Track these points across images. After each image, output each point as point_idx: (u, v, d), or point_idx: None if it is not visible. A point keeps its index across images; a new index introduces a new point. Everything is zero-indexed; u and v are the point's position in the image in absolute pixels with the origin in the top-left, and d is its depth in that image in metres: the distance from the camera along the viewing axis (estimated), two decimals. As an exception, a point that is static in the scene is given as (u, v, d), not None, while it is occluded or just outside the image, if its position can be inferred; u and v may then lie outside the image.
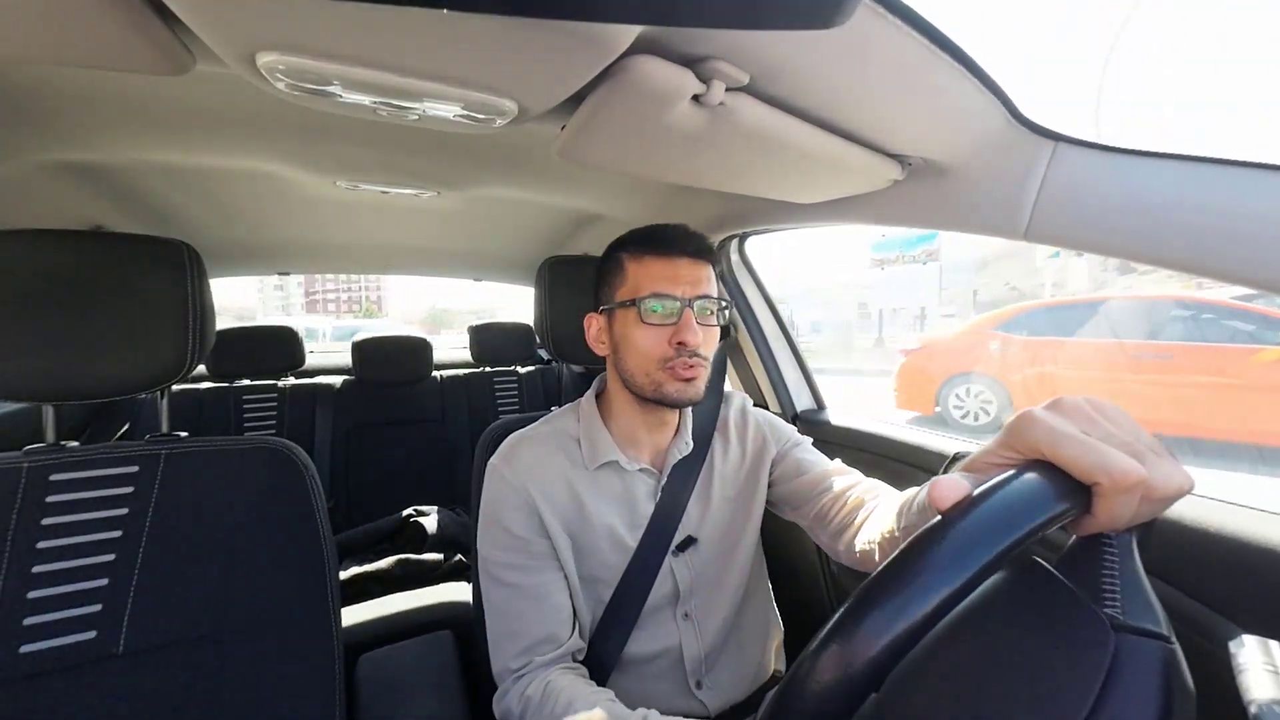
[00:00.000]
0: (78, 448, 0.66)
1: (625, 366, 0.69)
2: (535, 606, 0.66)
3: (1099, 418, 0.31)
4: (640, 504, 0.74)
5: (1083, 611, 0.28)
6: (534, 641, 0.65)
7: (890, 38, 0.45)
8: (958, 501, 0.28)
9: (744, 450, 0.81)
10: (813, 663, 0.27)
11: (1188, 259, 0.50)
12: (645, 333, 0.66)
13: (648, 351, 0.67)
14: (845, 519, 0.68)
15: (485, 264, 1.96)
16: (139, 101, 0.73)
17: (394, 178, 1.05)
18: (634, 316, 0.67)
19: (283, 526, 0.71)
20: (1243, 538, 0.53)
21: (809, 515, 0.75)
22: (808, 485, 0.76)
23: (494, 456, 0.73)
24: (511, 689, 0.65)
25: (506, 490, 0.70)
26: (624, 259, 0.71)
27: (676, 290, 0.66)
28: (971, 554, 0.26)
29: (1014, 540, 0.26)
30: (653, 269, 0.67)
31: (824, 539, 0.73)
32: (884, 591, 0.27)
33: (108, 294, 0.64)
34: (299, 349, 1.84)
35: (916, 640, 0.26)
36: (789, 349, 1.29)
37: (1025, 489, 0.28)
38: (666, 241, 0.68)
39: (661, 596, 0.72)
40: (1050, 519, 0.27)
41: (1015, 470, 0.29)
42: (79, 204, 1.06)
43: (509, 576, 0.68)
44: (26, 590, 0.60)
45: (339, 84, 0.45)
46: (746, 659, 0.77)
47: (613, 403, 0.76)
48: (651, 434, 0.75)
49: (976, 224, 0.67)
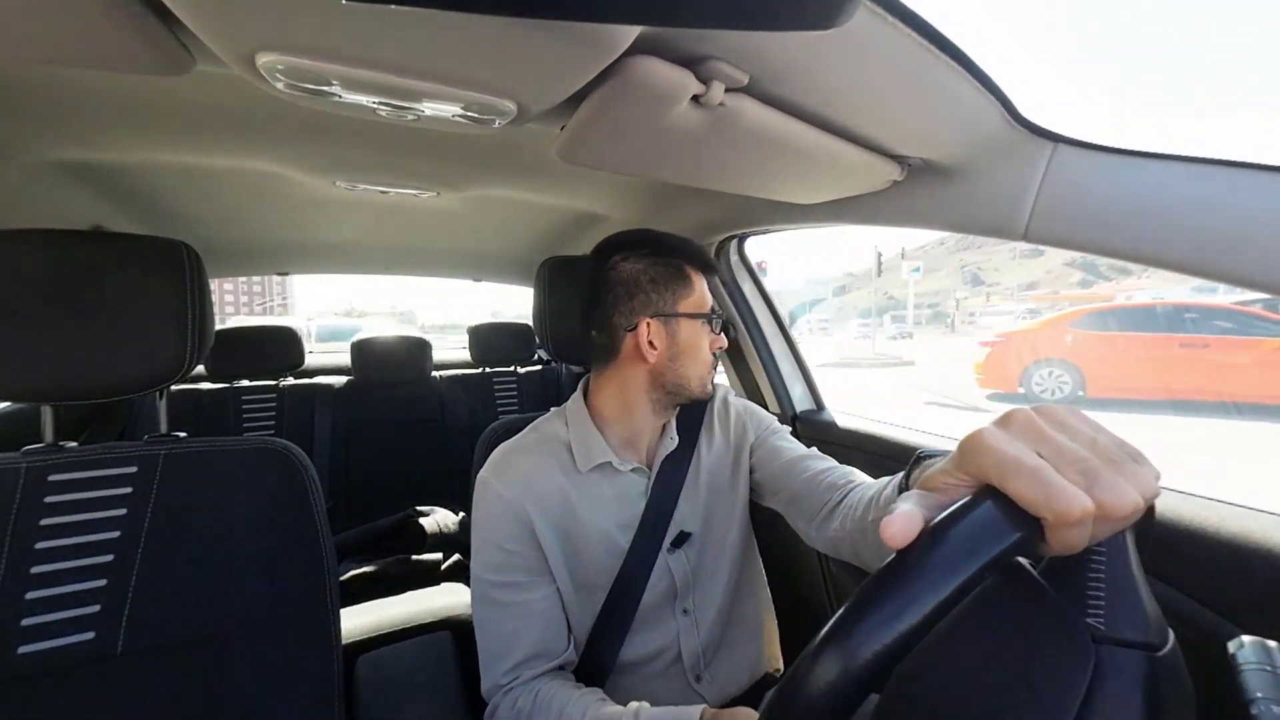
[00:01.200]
0: (76, 448, 0.66)
1: (683, 373, 0.74)
2: (527, 625, 0.68)
3: (1051, 431, 0.29)
4: (633, 503, 0.75)
5: (1064, 623, 0.27)
6: (525, 658, 0.67)
7: (890, 38, 0.45)
8: (911, 539, 0.27)
9: (727, 440, 0.84)
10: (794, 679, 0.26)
11: (1188, 260, 0.50)
12: (707, 342, 0.76)
13: (707, 359, 0.75)
14: (818, 503, 0.71)
15: (484, 264, 1.96)
16: (139, 101, 0.73)
17: (393, 178, 1.05)
18: (702, 327, 0.75)
19: (281, 527, 0.71)
20: (1242, 538, 0.53)
21: (784, 499, 0.78)
22: (782, 470, 0.79)
23: (483, 470, 0.74)
24: (502, 702, 0.65)
25: (498, 504, 0.70)
26: (689, 272, 0.75)
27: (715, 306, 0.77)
28: (930, 590, 0.25)
29: (969, 576, 0.25)
30: (704, 285, 0.77)
31: (799, 523, 0.76)
32: (836, 634, 0.26)
33: (107, 294, 0.63)
34: (298, 349, 1.84)
35: (880, 678, 0.26)
36: (788, 349, 1.29)
37: (977, 522, 0.27)
38: (705, 259, 0.78)
39: (659, 594, 0.72)
40: (1005, 551, 0.26)
41: (968, 500, 0.28)
42: (78, 204, 1.06)
43: (502, 595, 0.69)
44: (24, 591, 0.60)
45: (338, 84, 0.45)
46: (744, 651, 0.78)
47: (616, 406, 0.76)
48: (655, 433, 0.78)
49: (976, 225, 0.67)
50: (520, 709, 0.63)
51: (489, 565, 0.69)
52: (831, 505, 0.70)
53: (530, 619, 0.68)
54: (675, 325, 0.73)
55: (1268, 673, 0.30)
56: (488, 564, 0.70)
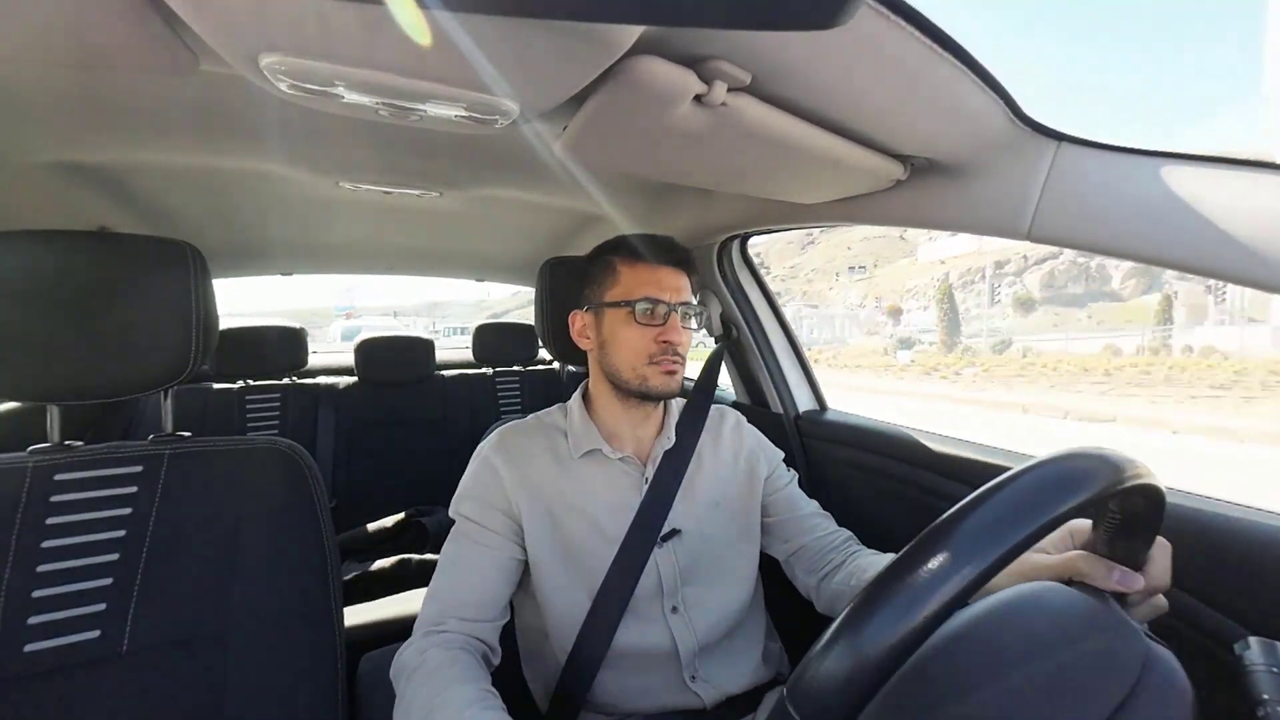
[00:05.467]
0: (82, 447, 0.66)
1: (612, 362, 0.75)
2: (468, 576, 0.70)
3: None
4: (625, 494, 0.76)
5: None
6: (458, 604, 0.68)
7: (892, 37, 0.45)
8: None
9: (736, 460, 0.85)
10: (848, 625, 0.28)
11: (1190, 259, 0.50)
12: (635, 331, 0.73)
13: (636, 348, 0.73)
14: (822, 562, 0.79)
15: (487, 265, 1.96)
16: (143, 103, 0.74)
17: (396, 178, 1.05)
18: (625, 316, 0.74)
19: (285, 526, 0.71)
20: (1249, 540, 0.53)
21: (790, 550, 0.83)
22: (796, 523, 0.83)
23: (483, 444, 0.78)
24: (419, 642, 0.64)
25: (487, 471, 0.75)
26: (616, 263, 0.76)
27: (664, 295, 0.73)
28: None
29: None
30: (643, 275, 0.74)
31: (799, 575, 0.82)
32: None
33: (112, 295, 0.64)
34: (302, 349, 1.84)
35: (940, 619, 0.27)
36: (791, 349, 1.29)
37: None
38: (655, 251, 0.76)
39: (647, 588, 0.73)
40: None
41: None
42: (83, 205, 1.06)
43: (463, 539, 0.73)
44: (31, 589, 0.60)
45: (341, 85, 0.45)
46: (744, 655, 0.77)
47: (596, 398, 0.80)
48: (634, 428, 0.79)
49: (979, 224, 0.67)
50: (420, 663, 0.61)
51: (459, 510, 0.75)
52: (835, 565, 0.77)
53: (474, 573, 0.71)
54: (601, 316, 0.76)
55: (1275, 674, 0.30)
56: (459, 509, 0.75)
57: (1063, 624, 0.34)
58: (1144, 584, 0.40)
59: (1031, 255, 57.20)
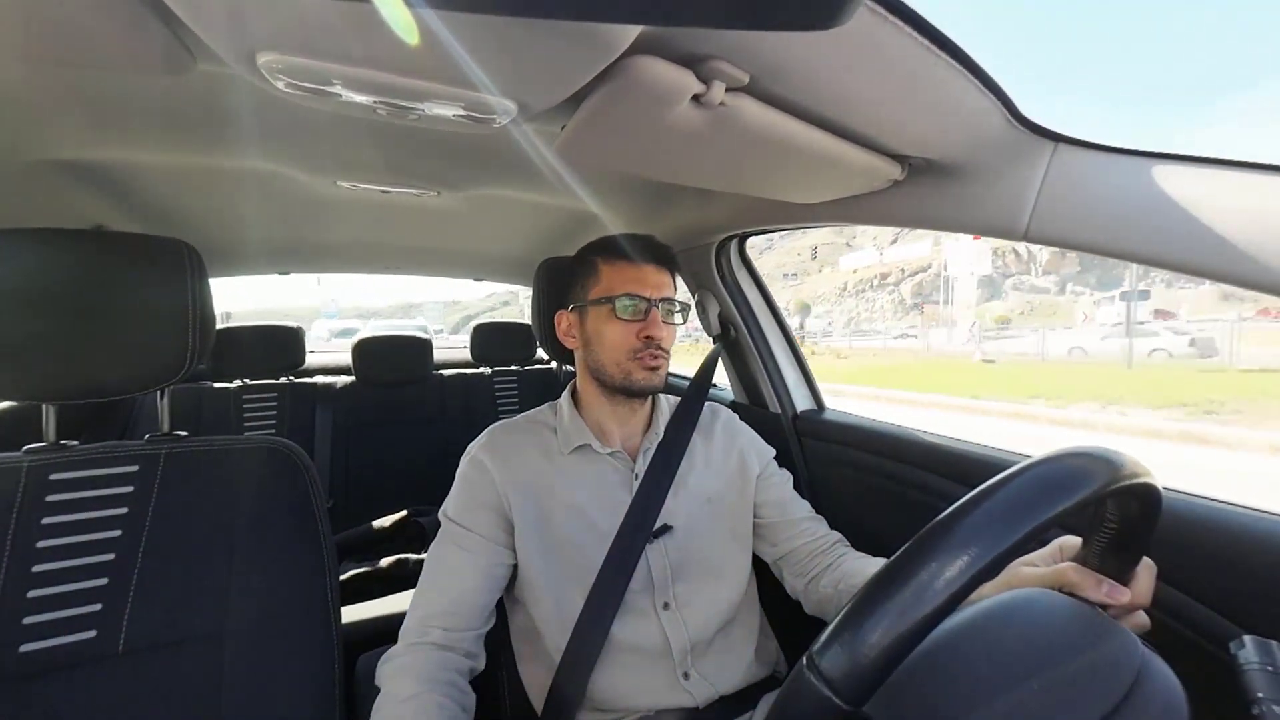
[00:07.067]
0: (78, 447, 0.66)
1: (596, 358, 0.77)
2: (452, 583, 0.71)
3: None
4: (615, 490, 0.77)
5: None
6: (441, 613, 0.69)
7: (891, 38, 0.45)
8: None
9: (727, 457, 0.85)
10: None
11: (1190, 260, 0.50)
12: (617, 327, 0.75)
13: (618, 344, 0.74)
14: (810, 566, 0.80)
15: (485, 264, 1.96)
16: (140, 101, 0.73)
17: (394, 178, 1.05)
18: (607, 313, 0.75)
19: (282, 526, 0.71)
20: (1244, 539, 0.53)
21: (780, 553, 0.84)
22: (788, 526, 0.84)
23: (472, 444, 0.79)
24: (401, 658, 0.66)
25: (476, 469, 0.76)
26: (598, 262, 0.78)
27: (645, 291, 0.75)
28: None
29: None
30: (625, 272, 0.76)
31: (788, 577, 0.83)
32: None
33: (108, 293, 0.63)
34: (300, 349, 1.84)
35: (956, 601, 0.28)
36: (788, 350, 1.29)
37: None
38: (637, 249, 0.77)
39: (638, 584, 0.73)
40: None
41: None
42: (80, 204, 1.06)
43: (449, 543, 0.73)
44: (26, 589, 0.60)
45: (339, 83, 0.45)
46: (738, 654, 0.78)
47: (583, 395, 0.82)
48: (621, 424, 0.80)
49: (976, 224, 0.67)
50: (393, 676, 0.64)
51: (447, 513, 0.75)
52: (822, 569, 0.79)
53: (459, 578, 0.71)
54: (585, 315, 0.78)
55: (1269, 672, 0.31)
56: (447, 512, 0.75)
57: (1067, 632, 0.34)
58: (1129, 599, 0.42)
59: (908, 269, 61.41)
